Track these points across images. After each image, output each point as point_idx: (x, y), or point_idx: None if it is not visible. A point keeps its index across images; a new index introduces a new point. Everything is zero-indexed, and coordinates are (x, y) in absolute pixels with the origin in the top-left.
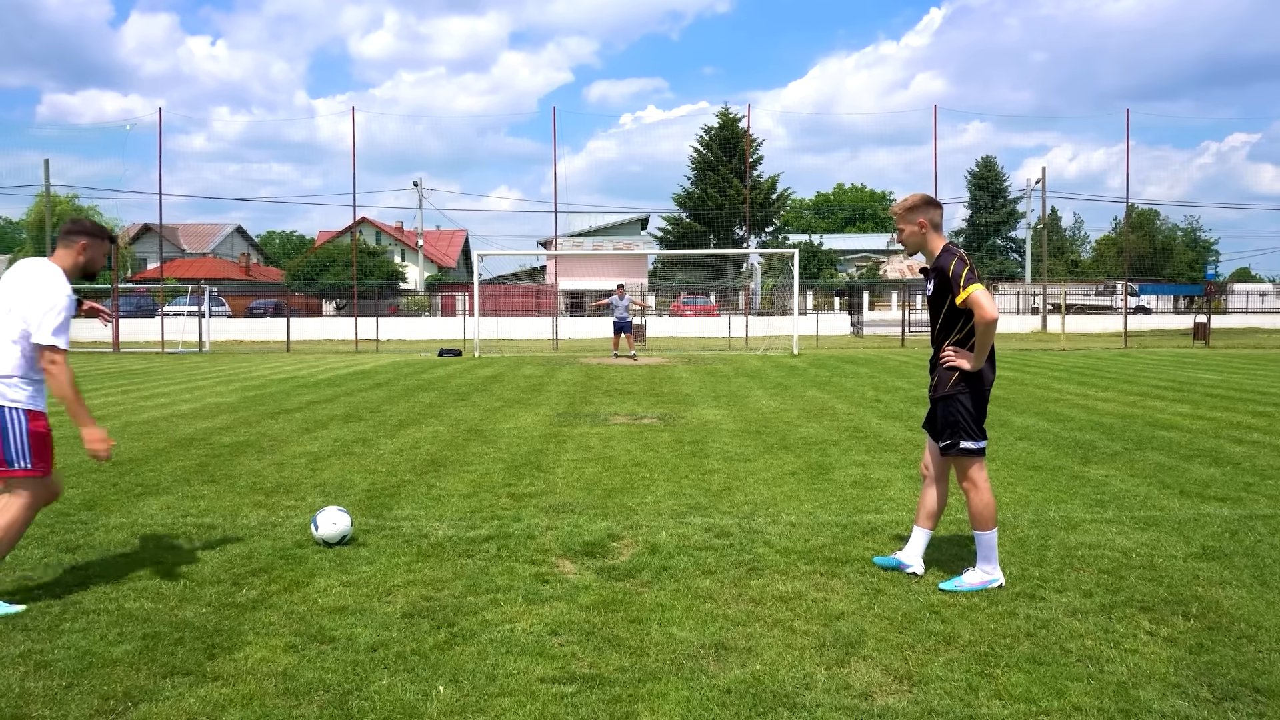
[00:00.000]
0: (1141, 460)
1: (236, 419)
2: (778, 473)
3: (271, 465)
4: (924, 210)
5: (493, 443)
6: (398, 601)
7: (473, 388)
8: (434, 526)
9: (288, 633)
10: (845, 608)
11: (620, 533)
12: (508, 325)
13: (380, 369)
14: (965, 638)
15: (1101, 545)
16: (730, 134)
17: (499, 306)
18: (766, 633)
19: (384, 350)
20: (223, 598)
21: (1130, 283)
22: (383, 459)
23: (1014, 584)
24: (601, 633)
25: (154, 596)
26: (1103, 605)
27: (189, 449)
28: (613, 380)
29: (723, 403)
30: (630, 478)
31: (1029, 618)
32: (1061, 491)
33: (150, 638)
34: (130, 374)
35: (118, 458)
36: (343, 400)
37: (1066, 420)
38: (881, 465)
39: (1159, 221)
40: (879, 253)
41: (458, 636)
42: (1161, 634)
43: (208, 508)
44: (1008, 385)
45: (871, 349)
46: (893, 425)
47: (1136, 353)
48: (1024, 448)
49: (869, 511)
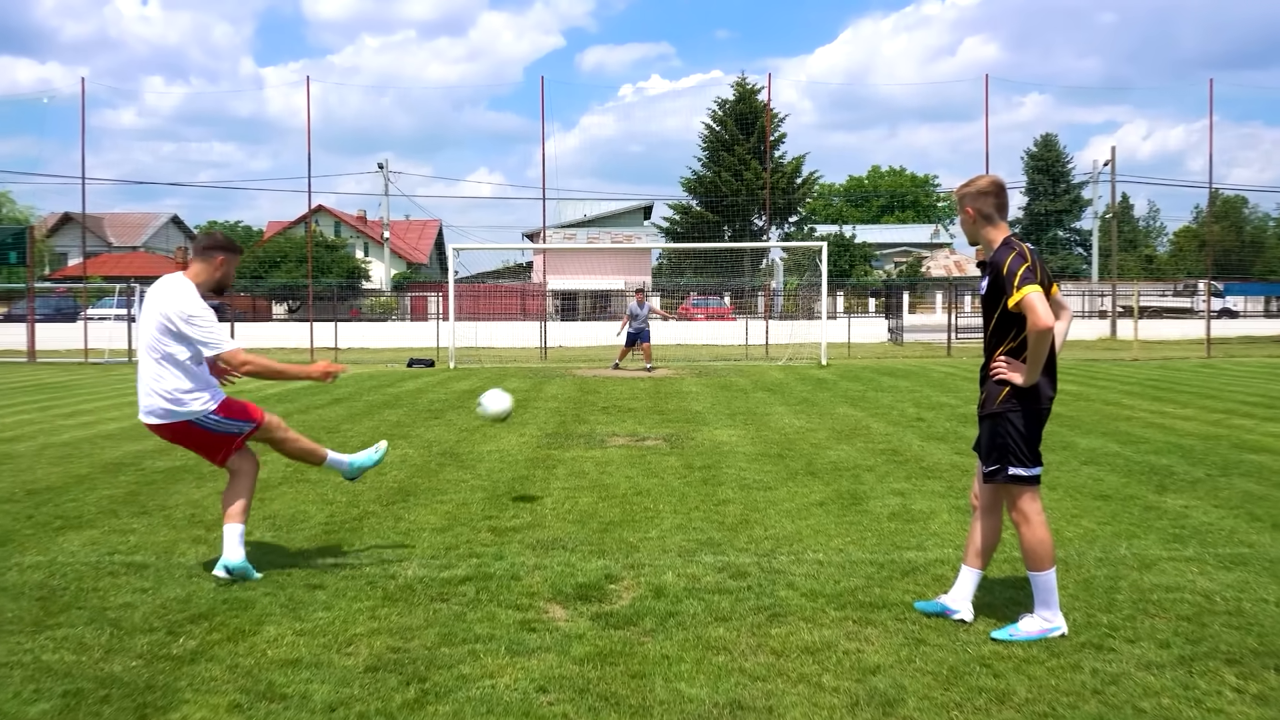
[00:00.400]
0: (1227, 488)
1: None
2: (803, 503)
3: (212, 494)
4: (972, 198)
5: (471, 468)
6: (360, 653)
7: (447, 404)
8: (402, 566)
9: (232, 689)
10: (882, 660)
11: (619, 573)
12: (488, 331)
13: (339, 382)
14: (1021, 695)
15: (1180, 587)
16: (748, 108)
17: (478, 309)
18: (790, 690)
19: (344, 360)
20: (156, 649)
21: (1214, 281)
22: (342, 487)
23: (1078, 632)
24: (597, 690)
25: (76, 648)
26: (1182, 657)
27: (117, 475)
28: (610, 395)
29: (739, 421)
30: (631, 509)
31: (1095, 672)
32: (1134, 525)
33: (72, 695)
34: (48, 388)
35: (32, 486)
36: (295, 419)
37: (1140, 442)
38: (924, 494)
39: (1247, 210)
40: (921, 246)
41: (430, 694)
42: (1250, 691)
43: (139, 544)
44: (1071, 401)
45: (913, 359)
46: (937, 448)
47: (1221, 363)
48: (1090, 474)
49: (909, 548)
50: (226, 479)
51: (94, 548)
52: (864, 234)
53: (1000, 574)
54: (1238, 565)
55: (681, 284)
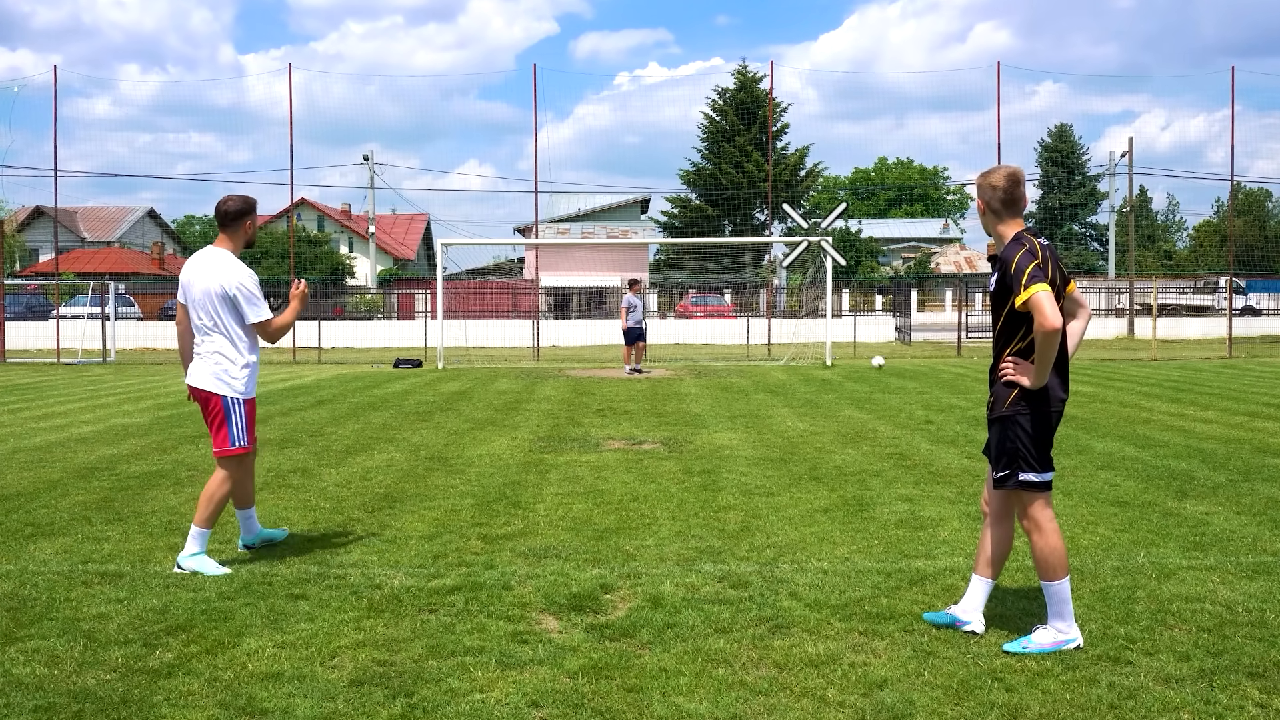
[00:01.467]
0: (1250, 494)
1: (148, 444)
2: (807, 509)
3: (190, 501)
4: (984, 190)
5: (460, 473)
6: (344, 666)
7: (436, 406)
8: (389, 575)
9: (210, 704)
10: (889, 674)
11: (615, 582)
12: (478, 330)
13: (323, 383)
14: (1035, 710)
15: (1201, 598)
16: (749, 97)
17: (468, 307)
18: (793, 704)
19: (327, 360)
20: (131, 661)
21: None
22: (326, 493)
23: (1094, 645)
24: (592, 704)
25: (48, 660)
26: (1202, 671)
27: (90, 480)
28: (606, 397)
29: (740, 424)
30: (627, 515)
31: (1113, 686)
32: (1152, 532)
33: (44, 710)
34: (19, 389)
35: (2, 492)
36: (277, 421)
37: (1158, 446)
38: (933, 500)
39: (1271, 204)
40: (930, 241)
41: (417, 709)
42: (1275, 705)
43: (113, 552)
44: (1086, 403)
45: (921, 359)
46: (947, 452)
47: (1244, 363)
48: (1106, 479)
49: (918, 557)
50: (203, 486)
51: (66, 556)
52: (871, 228)
53: (1013, 584)
54: (1261, 574)
55: (680, 281)
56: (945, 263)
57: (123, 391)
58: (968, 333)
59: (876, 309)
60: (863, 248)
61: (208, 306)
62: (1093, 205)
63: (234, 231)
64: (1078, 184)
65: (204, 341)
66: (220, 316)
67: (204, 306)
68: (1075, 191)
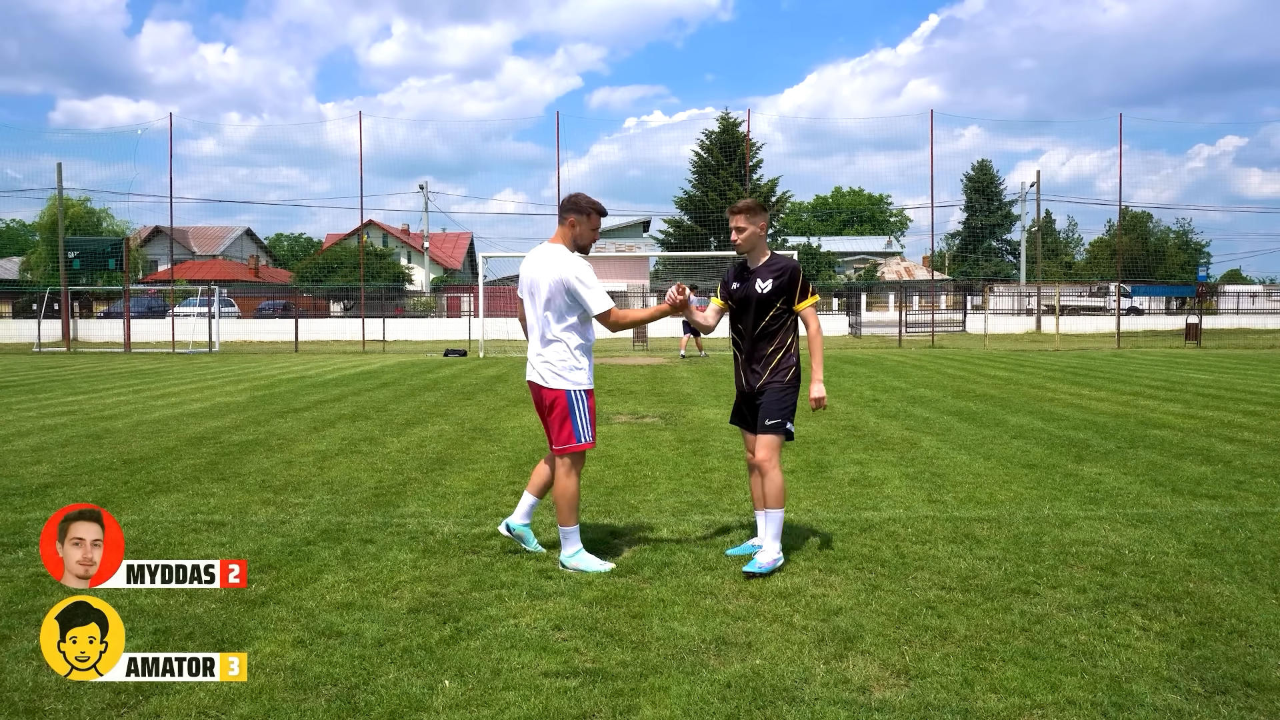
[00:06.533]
0: (1134, 458)
1: (245, 418)
2: None
3: (280, 463)
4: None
5: (497, 441)
6: (404, 597)
7: (478, 387)
8: (440, 524)
9: (295, 628)
10: (843, 603)
11: (622, 530)
12: (513, 326)
13: (387, 369)
14: (961, 633)
15: (1095, 542)
16: (730, 138)
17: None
18: (766, 628)
19: (390, 350)
20: (231, 594)
21: (1123, 284)
22: (389, 457)
23: (1008, 580)
24: (604, 628)
25: (164, 593)
26: (1096, 601)
27: (199, 447)
28: (616, 380)
29: (723, 402)
30: (632, 476)
31: (1024, 613)
32: (1056, 489)
33: (161, 633)
34: (141, 374)
35: (128, 457)
36: (350, 400)
37: (1061, 419)
38: (879, 464)
39: (1151, 224)
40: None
41: (463, 631)
42: (1154, 629)
43: (217, 505)
44: (1002, 385)
45: (869, 349)
46: (890, 424)
47: (1129, 353)
48: (1019, 446)
49: (866, 509)
50: (291, 452)
51: (180, 509)
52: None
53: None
54: (1143, 523)
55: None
56: (889, 272)
57: (225, 376)
58: (907, 328)
59: (833, 309)
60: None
61: (549, 299)
62: (1008, 225)
63: (559, 225)
64: (996, 208)
65: (543, 334)
66: (558, 309)
67: (542, 299)
68: (994, 214)
